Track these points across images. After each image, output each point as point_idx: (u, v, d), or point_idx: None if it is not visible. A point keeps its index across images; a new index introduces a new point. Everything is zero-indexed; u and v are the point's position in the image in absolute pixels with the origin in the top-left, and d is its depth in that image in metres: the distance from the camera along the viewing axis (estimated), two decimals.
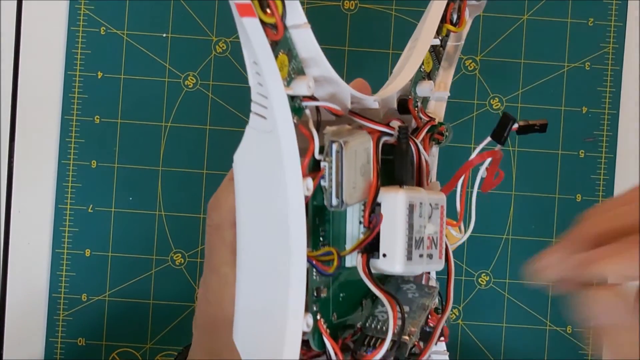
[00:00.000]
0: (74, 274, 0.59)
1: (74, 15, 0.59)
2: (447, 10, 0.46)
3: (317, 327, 0.36)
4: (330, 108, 0.36)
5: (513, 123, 0.46)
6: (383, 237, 0.37)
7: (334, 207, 0.35)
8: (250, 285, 0.36)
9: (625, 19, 0.61)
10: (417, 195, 0.38)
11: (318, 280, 0.36)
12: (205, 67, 0.60)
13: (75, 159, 0.59)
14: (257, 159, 0.35)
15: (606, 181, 0.61)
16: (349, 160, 0.35)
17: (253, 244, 0.36)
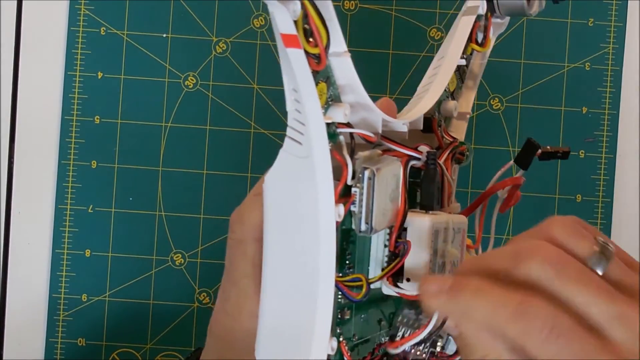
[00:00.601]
0: (74, 274, 0.59)
1: (74, 15, 0.59)
2: (473, 29, 0.46)
3: (339, 349, 0.36)
4: (364, 135, 0.37)
5: (537, 149, 0.46)
6: (408, 262, 0.37)
7: (362, 233, 0.36)
8: (276, 306, 0.36)
9: (625, 19, 0.61)
10: (442, 220, 0.39)
11: (342, 302, 0.36)
12: (205, 67, 0.60)
13: (75, 159, 0.59)
14: (289, 183, 0.35)
15: (606, 181, 0.61)
16: (380, 187, 0.36)
17: (281, 266, 0.36)
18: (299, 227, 0.35)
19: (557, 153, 0.49)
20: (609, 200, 0.61)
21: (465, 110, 0.48)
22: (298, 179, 0.35)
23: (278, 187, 0.36)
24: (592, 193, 0.61)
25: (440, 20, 0.61)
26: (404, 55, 0.61)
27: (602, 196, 0.61)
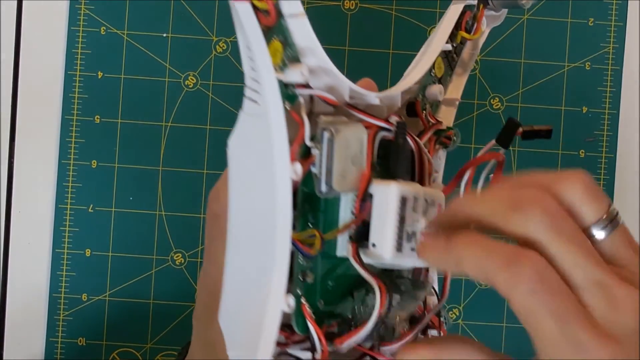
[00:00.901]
0: (74, 274, 0.59)
1: (74, 15, 0.59)
2: (462, 18, 0.46)
3: (300, 310, 0.37)
4: (323, 97, 0.37)
5: (518, 128, 0.46)
6: (373, 227, 0.37)
7: (323, 194, 0.36)
8: (237, 267, 0.37)
9: (625, 19, 0.61)
10: (411, 189, 0.39)
11: (304, 264, 0.37)
12: (205, 67, 0.60)
13: (75, 159, 0.59)
14: (249, 144, 0.36)
15: (606, 181, 0.61)
16: (339, 148, 0.36)
17: (242, 227, 0.37)
18: (258, 186, 0.36)
19: (539, 132, 0.49)
20: None
21: (455, 97, 0.48)
22: (256, 138, 0.36)
23: (239, 149, 0.37)
24: None
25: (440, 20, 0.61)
26: (404, 55, 0.61)
27: None
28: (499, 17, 0.50)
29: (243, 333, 0.37)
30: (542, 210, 0.33)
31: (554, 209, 0.33)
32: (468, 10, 0.47)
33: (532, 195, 0.33)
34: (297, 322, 0.37)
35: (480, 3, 0.47)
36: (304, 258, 0.37)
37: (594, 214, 0.34)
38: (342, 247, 0.38)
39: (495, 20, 0.50)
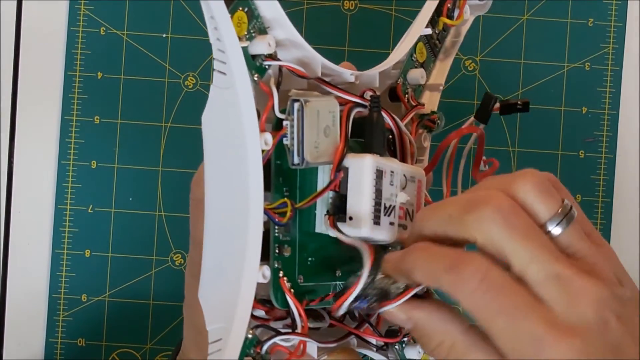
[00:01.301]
0: (74, 275, 0.59)
1: (74, 15, 0.59)
2: (444, 5, 0.47)
3: (278, 284, 0.37)
4: (292, 68, 0.37)
5: (495, 102, 0.47)
6: (350, 201, 0.38)
7: (295, 165, 0.37)
8: (214, 242, 0.38)
9: (625, 19, 0.61)
10: (387, 163, 0.39)
11: (280, 238, 0.37)
12: (205, 67, 0.60)
13: (75, 159, 0.59)
14: (220, 117, 0.37)
15: (606, 181, 0.61)
16: (310, 119, 0.36)
17: (217, 202, 0.37)
18: (230, 160, 0.37)
19: (516, 105, 0.49)
20: (609, 200, 0.61)
21: (439, 82, 0.48)
22: (226, 111, 0.36)
23: (211, 124, 0.38)
24: (592, 193, 0.61)
25: None
26: None
27: (602, 196, 0.61)
28: (484, 6, 0.50)
29: (220, 306, 0.37)
30: (492, 207, 0.33)
31: (505, 205, 0.33)
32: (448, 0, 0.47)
33: (485, 195, 0.34)
34: (275, 296, 0.37)
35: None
36: (280, 231, 0.37)
37: (548, 211, 0.34)
38: (321, 223, 0.39)
39: (481, 9, 0.50)
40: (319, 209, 0.39)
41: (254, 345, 0.37)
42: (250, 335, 0.37)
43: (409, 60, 0.46)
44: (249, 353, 0.37)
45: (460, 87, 0.60)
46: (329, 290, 0.40)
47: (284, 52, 0.37)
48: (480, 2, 0.49)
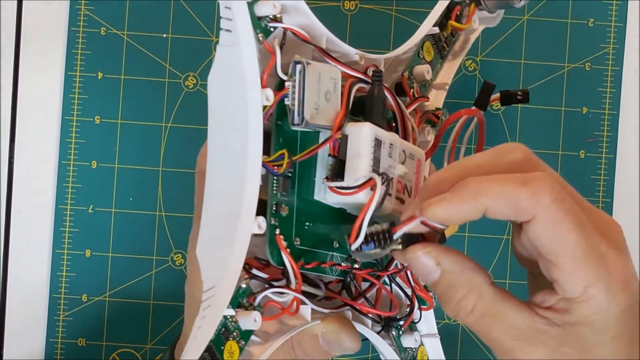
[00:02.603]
0: (74, 274, 0.59)
1: (74, 15, 0.59)
2: (452, 11, 0.49)
3: (274, 239, 0.38)
4: (296, 31, 0.39)
5: (493, 89, 0.47)
6: (347, 167, 0.39)
7: (295, 125, 0.38)
8: (214, 199, 0.39)
9: (625, 19, 0.61)
10: (387, 135, 0.40)
11: (279, 196, 0.38)
12: (205, 67, 0.60)
13: (75, 159, 0.59)
14: (224, 75, 0.38)
15: (606, 181, 0.61)
16: (311, 81, 0.38)
17: (219, 159, 0.38)
18: (232, 117, 0.38)
19: (516, 95, 0.51)
20: (609, 200, 0.61)
21: (445, 82, 0.49)
22: (231, 69, 0.37)
23: (216, 83, 0.38)
24: (592, 193, 0.61)
25: None
26: None
27: (602, 196, 0.61)
28: (494, 18, 0.51)
29: (216, 257, 0.37)
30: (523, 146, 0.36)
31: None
32: (458, 5, 0.49)
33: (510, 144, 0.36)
34: (271, 252, 0.38)
35: (471, 2, 0.49)
36: (279, 190, 0.38)
37: None
38: (319, 190, 0.40)
39: (491, 22, 0.51)
40: (318, 176, 0.40)
41: (247, 295, 0.38)
42: (244, 286, 0.38)
43: (416, 57, 0.47)
44: (242, 303, 0.38)
45: (460, 87, 0.60)
46: (326, 259, 0.41)
47: (289, 17, 0.39)
48: (490, 15, 0.51)
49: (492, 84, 0.49)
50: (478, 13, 0.50)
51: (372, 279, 0.43)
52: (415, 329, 0.47)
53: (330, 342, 0.41)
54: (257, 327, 0.38)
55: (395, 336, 0.46)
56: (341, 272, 0.42)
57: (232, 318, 0.37)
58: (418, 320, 0.47)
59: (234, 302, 0.37)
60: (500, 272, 0.60)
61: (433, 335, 0.48)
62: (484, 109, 0.48)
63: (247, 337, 0.38)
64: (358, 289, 0.43)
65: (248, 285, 0.38)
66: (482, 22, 0.51)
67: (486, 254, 0.60)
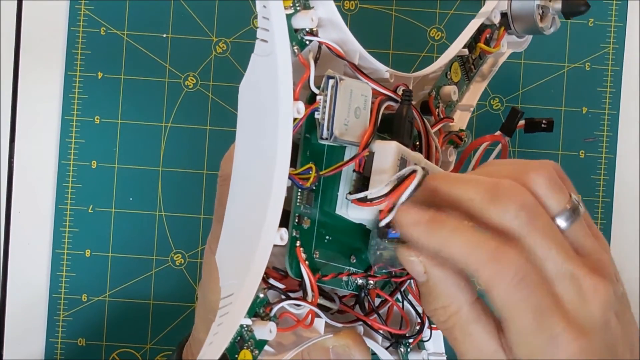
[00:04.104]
0: (74, 274, 0.59)
1: (74, 15, 0.59)
2: (482, 34, 0.50)
3: (294, 251, 0.38)
4: (331, 46, 0.39)
5: (521, 116, 0.48)
6: (372, 181, 0.39)
7: (323, 139, 0.38)
8: (237, 206, 0.39)
9: (625, 19, 0.61)
10: (413, 155, 0.40)
11: (302, 210, 0.39)
12: (205, 67, 0.60)
13: (75, 159, 0.59)
14: (257, 85, 0.38)
15: (606, 181, 0.61)
16: (342, 96, 0.38)
17: (245, 167, 0.39)
18: (262, 127, 0.38)
19: (541, 123, 0.51)
20: (609, 200, 0.61)
21: (470, 103, 0.50)
22: (264, 79, 0.37)
23: (248, 92, 0.38)
24: (592, 193, 0.61)
25: (440, 20, 0.61)
26: (404, 55, 0.61)
27: (602, 196, 0.61)
28: (522, 43, 0.52)
29: (236, 264, 0.38)
30: (519, 204, 0.34)
31: (529, 203, 0.34)
32: (488, 28, 0.50)
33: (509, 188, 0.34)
34: (290, 264, 0.38)
35: (501, 25, 0.50)
36: (302, 203, 0.39)
37: (558, 205, 0.35)
38: (341, 205, 0.40)
39: (518, 46, 0.53)
40: (341, 191, 0.40)
41: (263, 305, 0.38)
42: (262, 295, 0.38)
43: (443, 78, 0.48)
44: (258, 312, 0.38)
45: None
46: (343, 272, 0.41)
47: (325, 33, 0.39)
48: (519, 40, 0.52)
49: (520, 111, 0.49)
50: (507, 37, 0.51)
51: (385, 295, 0.44)
52: (424, 347, 0.47)
53: (340, 355, 0.41)
54: (272, 337, 0.38)
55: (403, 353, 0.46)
56: (356, 287, 0.42)
57: (248, 327, 0.37)
58: (427, 339, 0.47)
59: (251, 311, 0.37)
60: None
61: (439, 355, 0.48)
62: (510, 135, 0.49)
63: (261, 347, 0.38)
64: (371, 304, 0.43)
65: (266, 295, 0.38)
66: (510, 47, 0.52)
67: None
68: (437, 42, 0.60)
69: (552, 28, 0.51)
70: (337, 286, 0.41)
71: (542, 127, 0.53)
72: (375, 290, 0.43)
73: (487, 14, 0.50)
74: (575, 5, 0.50)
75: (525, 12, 0.50)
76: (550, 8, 0.51)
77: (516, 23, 0.51)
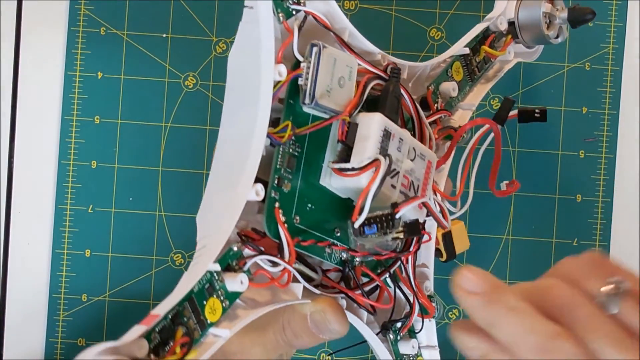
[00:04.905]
0: (74, 274, 0.59)
1: (74, 15, 0.59)
2: (487, 38, 0.50)
3: (272, 212, 0.39)
4: (316, 16, 0.40)
5: (513, 105, 0.49)
6: (354, 150, 0.40)
7: (305, 104, 0.39)
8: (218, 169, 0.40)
9: (625, 19, 0.61)
10: (398, 129, 0.41)
11: (282, 171, 0.39)
12: (205, 67, 0.60)
13: (75, 159, 0.59)
14: (242, 52, 0.39)
15: (606, 181, 0.61)
16: (325, 63, 0.39)
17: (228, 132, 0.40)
18: (245, 90, 0.39)
19: (534, 112, 0.52)
20: (609, 200, 0.61)
21: (472, 102, 0.50)
22: (248, 44, 0.38)
23: (235, 60, 0.39)
24: (592, 193, 0.61)
25: (440, 20, 0.61)
26: (404, 55, 0.60)
27: (602, 196, 0.61)
28: (532, 54, 0.53)
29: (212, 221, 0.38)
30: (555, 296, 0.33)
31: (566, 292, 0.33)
32: (493, 33, 0.51)
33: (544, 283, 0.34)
34: (268, 225, 0.39)
35: (509, 33, 0.50)
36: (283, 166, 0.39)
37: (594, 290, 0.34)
38: (325, 175, 0.41)
39: (528, 57, 0.53)
40: (325, 162, 0.41)
41: (237, 258, 0.38)
42: (236, 249, 0.38)
43: (444, 75, 0.49)
44: (231, 265, 0.38)
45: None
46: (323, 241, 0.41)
47: (312, 5, 0.40)
48: (528, 50, 0.52)
49: (512, 100, 0.49)
50: (515, 46, 0.52)
51: (372, 274, 0.44)
52: (415, 337, 0.47)
53: (317, 322, 0.41)
54: (243, 289, 0.38)
55: (392, 340, 0.46)
56: (340, 262, 0.42)
57: (219, 276, 0.38)
58: (419, 331, 0.47)
59: (223, 262, 0.38)
60: (500, 272, 0.60)
61: (433, 347, 0.48)
62: (502, 124, 0.49)
63: (232, 299, 0.38)
64: (356, 280, 0.43)
65: (240, 249, 0.38)
66: (520, 56, 0.53)
67: (486, 254, 0.60)
68: (437, 42, 0.60)
69: (560, 38, 0.52)
70: (319, 256, 0.41)
71: (535, 116, 0.53)
72: (361, 267, 0.43)
73: (493, 20, 0.50)
74: (582, 14, 0.51)
75: (531, 21, 0.50)
76: (556, 17, 0.51)
77: (523, 32, 0.51)
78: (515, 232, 0.60)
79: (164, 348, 0.36)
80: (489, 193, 0.51)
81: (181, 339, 0.36)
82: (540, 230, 0.60)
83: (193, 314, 0.37)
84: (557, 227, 0.60)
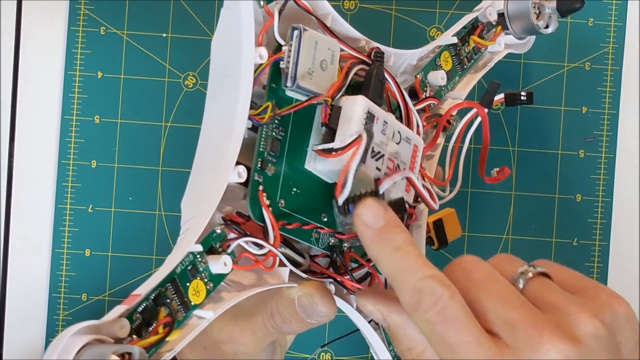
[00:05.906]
0: (74, 274, 0.59)
1: (74, 15, 0.59)
2: (477, 28, 0.50)
3: (256, 195, 0.38)
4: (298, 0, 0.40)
5: (498, 88, 0.49)
6: (338, 132, 0.40)
7: (288, 88, 0.39)
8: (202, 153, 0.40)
9: (625, 19, 0.61)
10: (382, 112, 0.41)
11: (265, 155, 0.39)
12: (205, 67, 0.60)
13: (75, 159, 0.59)
14: (224, 37, 0.39)
15: (606, 181, 0.61)
16: (307, 46, 0.39)
17: (211, 117, 0.40)
18: (227, 74, 0.39)
19: (520, 95, 0.52)
20: (609, 200, 0.61)
21: (462, 92, 0.50)
22: (230, 28, 0.38)
23: (218, 46, 0.40)
24: (592, 193, 0.61)
25: (440, 20, 0.61)
26: None
27: (602, 196, 0.61)
28: (523, 45, 0.53)
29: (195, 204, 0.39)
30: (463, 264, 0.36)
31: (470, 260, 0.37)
32: (482, 24, 0.51)
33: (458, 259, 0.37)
34: (252, 208, 0.38)
35: (498, 24, 0.50)
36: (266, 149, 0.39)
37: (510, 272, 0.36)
38: (310, 159, 0.41)
39: (520, 48, 0.53)
40: (310, 147, 0.41)
41: (220, 240, 0.39)
42: (219, 231, 0.38)
43: (432, 64, 0.49)
44: (215, 247, 0.38)
45: None
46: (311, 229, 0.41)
47: None
48: (519, 42, 0.52)
49: (498, 83, 0.49)
50: (505, 37, 0.52)
51: (361, 259, 0.44)
52: None
53: (305, 306, 0.41)
54: (226, 271, 0.38)
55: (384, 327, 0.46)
56: (328, 247, 0.42)
57: (202, 258, 0.38)
58: None
59: (206, 244, 0.38)
60: None
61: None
62: (489, 107, 0.49)
63: (217, 281, 0.38)
64: (344, 265, 0.43)
65: (223, 231, 0.39)
66: (512, 48, 0.53)
67: (486, 253, 0.60)
68: None
69: (550, 28, 0.52)
70: (306, 240, 0.41)
71: (521, 99, 0.53)
72: (349, 253, 0.43)
73: (481, 10, 0.50)
74: (570, 2, 0.51)
75: (520, 11, 0.50)
76: (545, 6, 0.51)
77: (513, 22, 0.51)
78: (515, 232, 0.60)
79: (146, 329, 0.36)
80: (489, 193, 0.51)
81: (164, 319, 0.36)
82: (540, 229, 0.60)
83: (176, 295, 0.38)
84: (557, 227, 0.60)
